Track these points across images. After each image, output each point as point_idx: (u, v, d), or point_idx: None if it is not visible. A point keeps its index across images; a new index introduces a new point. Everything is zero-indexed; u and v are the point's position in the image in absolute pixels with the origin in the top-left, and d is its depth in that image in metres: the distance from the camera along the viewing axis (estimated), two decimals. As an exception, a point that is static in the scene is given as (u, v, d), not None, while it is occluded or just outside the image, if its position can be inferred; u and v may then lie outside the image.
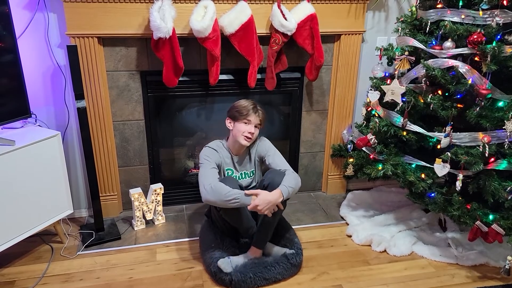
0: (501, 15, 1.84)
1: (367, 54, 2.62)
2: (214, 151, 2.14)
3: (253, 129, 2.10)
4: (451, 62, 1.95)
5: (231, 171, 2.19)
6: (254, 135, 2.11)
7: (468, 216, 1.99)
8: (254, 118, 2.10)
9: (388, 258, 2.22)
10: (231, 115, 2.14)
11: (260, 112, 2.13)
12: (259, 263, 2.01)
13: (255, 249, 2.06)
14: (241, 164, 2.22)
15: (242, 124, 2.09)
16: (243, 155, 2.22)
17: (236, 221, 2.07)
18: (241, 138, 2.10)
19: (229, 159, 2.19)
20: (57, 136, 2.08)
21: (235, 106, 2.14)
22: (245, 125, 2.09)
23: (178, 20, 2.15)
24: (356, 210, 2.62)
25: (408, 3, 2.52)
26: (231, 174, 2.19)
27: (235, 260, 2.01)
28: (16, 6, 2.03)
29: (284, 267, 2.01)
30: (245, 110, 2.09)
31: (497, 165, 1.91)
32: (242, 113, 2.09)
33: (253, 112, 2.09)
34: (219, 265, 1.97)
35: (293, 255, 2.06)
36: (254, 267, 1.98)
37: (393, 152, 2.25)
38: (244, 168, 2.23)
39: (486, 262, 2.15)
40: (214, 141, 2.21)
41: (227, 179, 2.03)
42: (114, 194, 2.52)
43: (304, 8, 2.31)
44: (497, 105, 1.90)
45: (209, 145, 2.18)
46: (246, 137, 2.10)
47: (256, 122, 2.11)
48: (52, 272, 2.06)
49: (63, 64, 2.23)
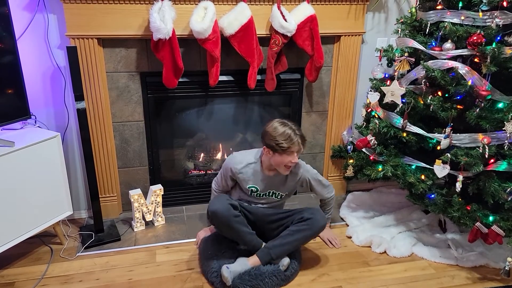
0: (501, 16, 1.84)
1: (367, 55, 2.62)
2: (234, 168, 2.07)
3: (296, 158, 1.96)
4: (451, 63, 1.96)
5: (255, 188, 2.09)
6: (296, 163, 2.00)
7: (468, 217, 1.99)
8: (298, 148, 1.93)
9: (388, 259, 2.22)
10: (270, 146, 1.94)
11: (302, 137, 1.95)
12: (257, 274, 1.94)
13: (257, 260, 2.01)
14: (271, 184, 2.10)
15: (284, 155, 1.93)
16: (278, 177, 2.08)
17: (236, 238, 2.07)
18: (282, 169, 1.99)
19: (258, 175, 2.07)
20: (57, 137, 2.08)
21: (274, 136, 1.91)
22: (287, 156, 1.93)
23: (178, 21, 2.15)
24: (356, 211, 2.62)
25: (408, 4, 2.52)
26: (254, 191, 2.10)
27: (233, 269, 1.94)
28: (16, 7, 2.03)
29: (281, 278, 1.98)
30: (287, 143, 1.90)
31: (497, 166, 1.91)
32: (284, 147, 1.90)
33: (300, 144, 1.93)
34: (224, 276, 1.89)
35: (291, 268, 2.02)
36: (251, 279, 1.92)
37: (393, 153, 2.25)
38: (273, 188, 2.11)
39: (486, 264, 2.15)
40: (246, 152, 2.13)
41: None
42: (114, 195, 2.52)
43: (304, 9, 2.31)
44: (497, 107, 1.90)
45: (234, 158, 2.10)
46: (287, 167, 1.98)
47: (300, 150, 1.95)
48: (51, 273, 2.06)
49: (62, 65, 2.23)
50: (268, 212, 2.14)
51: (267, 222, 2.12)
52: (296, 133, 1.93)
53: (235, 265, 1.97)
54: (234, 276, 1.92)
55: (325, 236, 2.32)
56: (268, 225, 2.12)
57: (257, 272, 1.96)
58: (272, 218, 2.12)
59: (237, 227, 1.99)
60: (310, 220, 2.02)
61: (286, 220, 2.09)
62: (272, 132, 1.93)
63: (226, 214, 1.97)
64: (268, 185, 2.10)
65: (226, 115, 2.71)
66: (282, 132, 1.92)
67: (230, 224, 1.98)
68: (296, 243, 2.05)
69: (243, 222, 2.02)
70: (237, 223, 1.99)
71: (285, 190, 2.14)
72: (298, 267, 2.09)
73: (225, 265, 1.94)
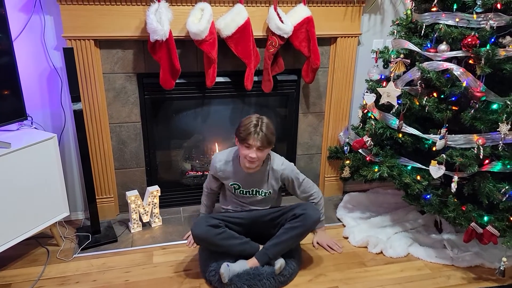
0: (495, 18, 1.86)
1: (363, 57, 2.63)
2: (214, 168, 2.12)
3: (254, 153, 1.89)
4: (445, 64, 1.97)
5: (237, 185, 2.10)
6: (258, 160, 1.93)
7: (463, 217, 2.00)
8: (254, 141, 1.87)
9: (384, 260, 2.23)
10: (236, 134, 1.95)
11: (262, 134, 1.86)
12: (255, 274, 1.95)
13: (256, 262, 2.01)
14: (253, 181, 2.09)
15: (243, 147, 1.92)
16: (258, 174, 2.07)
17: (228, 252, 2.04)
18: (243, 163, 1.98)
19: (238, 172, 2.07)
20: (53, 139, 2.07)
21: (240, 124, 1.94)
22: (246, 149, 1.91)
23: (174, 22, 2.15)
24: (352, 212, 2.62)
25: (404, 6, 2.53)
26: (237, 188, 2.11)
27: (233, 268, 1.95)
28: (12, 8, 2.03)
29: (279, 280, 1.98)
30: (244, 132, 1.88)
31: (491, 167, 1.93)
32: (241, 136, 1.90)
33: (254, 134, 1.86)
34: (221, 272, 1.90)
35: (289, 269, 2.02)
36: (249, 279, 1.93)
37: (389, 154, 2.27)
38: (255, 186, 2.10)
39: (481, 264, 2.16)
40: (228, 150, 2.14)
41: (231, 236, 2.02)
42: (111, 197, 2.52)
43: (300, 11, 2.32)
44: (491, 108, 1.92)
45: (215, 157, 2.12)
46: (249, 161, 1.92)
47: (257, 145, 1.88)
48: (48, 275, 2.05)
49: (59, 67, 2.22)
50: (262, 213, 2.14)
51: (262, 223, 2.13)
52: (258, 128, 1.88)
53: (235, 265, 1.98)
54: (232, 275, 1.93)
55: (324, 242, 2.31)
56: (264, 226, 2.13)
57: (255, 272, 1.97)
58: (266, 219, 2.13)
59: (223, 243, 1.99)
60: (303, 215, 2.01)
61: (281, 219, 2.09)
62: (241, 121, 1.96)
63: (207, 235, 1.97)
64: (250, 182, 2.09)
65: (223, 116, 2.71)
66: (246, 123, 1.92)
67: (215, 242, 1.99)
68: (291, 241, 2.04)
69: (230, 236, 2.01)
70: (222, 240, 1.99)
71: (269, 187, 2.11)
72: (297, 268, 2.09)
73: (225, 263, 1.95)
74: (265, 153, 1.97)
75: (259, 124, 1.90)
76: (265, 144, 1.90)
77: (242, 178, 2.09)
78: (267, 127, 1.91)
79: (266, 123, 1.92)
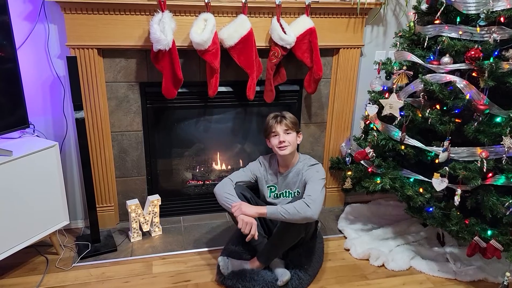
0: (498, 31, 1.86)
1: (366, 68, 2.63)
2: (257, 164, 2.25)
3: (283, 137, 2.07)
4: (449, 77, 1.97)
5: (274, 187, 2.21)
6: (287, 141, 2.07)
7: (466, 231, 1.98)
8: (279, 127, 2.08)
9: (386, 273, 2.20)
10: (264, 135, 2.17)
11: (283, 118, 2.09)
12: (252, 278, 1.95)
13: (256, 262, 2.04)
14: (287, 182, 2.18)
15: (272, 138, 2.11)
16: (293, 174, 2.17)
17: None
18: (277, 151, 2.11)
19: (274, 175, 2.21)
20: (55, 147, 2.07)
21: (265, 124, 2.16)
22: (274, 138, 2.10)
23: (178, 32, 2.17)
24: (354, 224, 2.60)
25: (407, 18, 2.54)
26: (274, 190, 2.21)
27: (233, 263, 2.01)
28: (16, 16, 2.04)
29: None
30: (268, 124, 2.11)
31: (495, 181, 1.91)
32: (267, 129, 2.13)
33: (275, 123, 2.08)
34: (218, 261, 2.03)
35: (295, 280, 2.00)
36: (246, 281, 1.94)
37: (391, 165, 2.25)
38: (288, 187, 2.19)
39: (484, 278, 2.13)
40: (268, 155, 2.28)
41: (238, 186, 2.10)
42: (111, 205, 2.51)
43: (303, 22, 2.33)
44: (495, 121, 1.91)
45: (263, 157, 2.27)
46: (280, 148, 2.08)
47: (282, 129, 2.08)
48: (46, 284, 2.04)
49: (62, 75, 2.23)
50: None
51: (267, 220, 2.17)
52: (279, 117, 2.10)
53: (235, 261, 2.03)
54: (231, 269, 2.01)
55: (244, 219, 1.89)
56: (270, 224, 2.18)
57: (253, 276, 1.98)
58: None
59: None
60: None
61: None
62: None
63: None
64: (284, 183, 2.18)
65: (224, 125, 2.71)
66: (267, 119, 2.15)
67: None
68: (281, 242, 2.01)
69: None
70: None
71: (297, 187, 2.16)
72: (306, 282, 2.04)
73: (226, 257, 2.05)
74: (294, 137, 2.12)
75: (279, 113, 2.13)
76: (289, 125, 2.09)
77: (278, 180, 2.20)
78: (287, 113, 2.14)
79: (285, 111, 2.17)
